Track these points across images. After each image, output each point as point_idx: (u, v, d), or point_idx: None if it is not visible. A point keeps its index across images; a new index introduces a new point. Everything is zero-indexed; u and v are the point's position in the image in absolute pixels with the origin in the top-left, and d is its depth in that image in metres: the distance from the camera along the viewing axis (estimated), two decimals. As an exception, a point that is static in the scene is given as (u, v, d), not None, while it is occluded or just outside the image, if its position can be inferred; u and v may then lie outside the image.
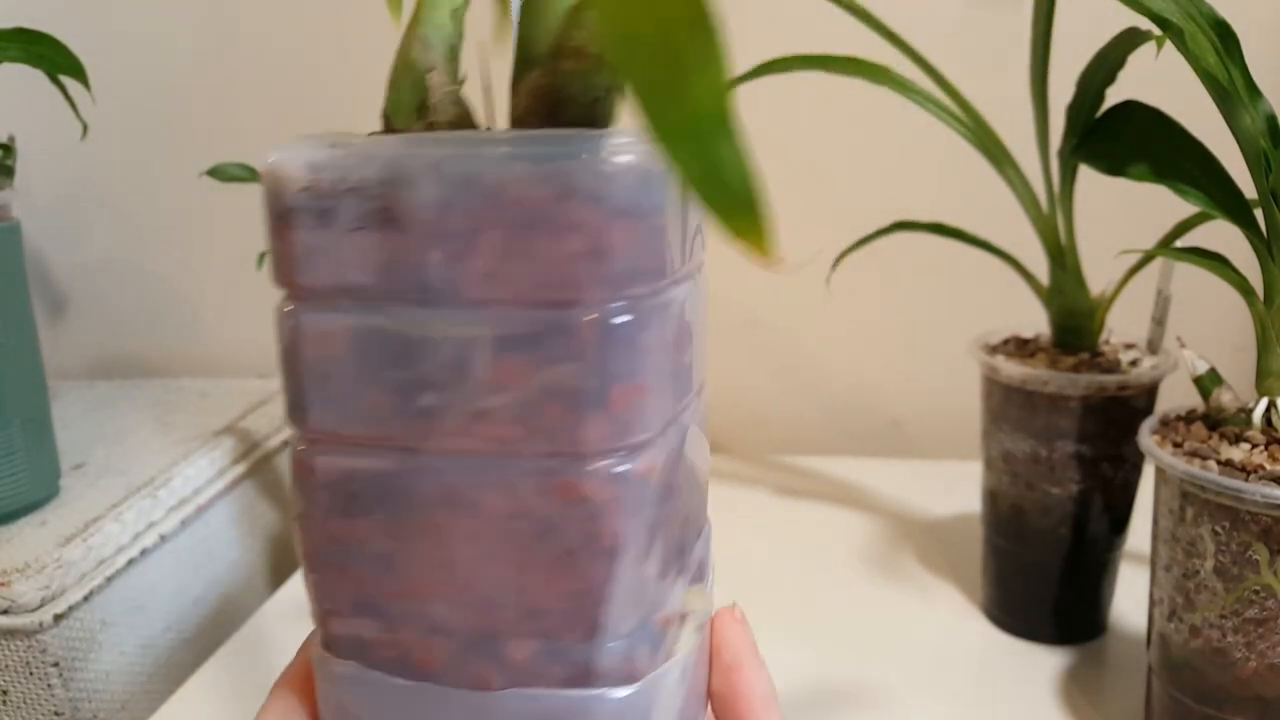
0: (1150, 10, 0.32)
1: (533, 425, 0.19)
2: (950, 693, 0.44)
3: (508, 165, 0.18)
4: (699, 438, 0.22)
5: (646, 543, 0.20)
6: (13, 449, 0.48)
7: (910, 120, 0.52)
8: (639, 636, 0.20)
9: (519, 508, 0.19)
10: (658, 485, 0.20)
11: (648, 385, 0.19)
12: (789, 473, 0.70)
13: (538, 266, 0.18)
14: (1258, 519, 0.32)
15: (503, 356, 0.19)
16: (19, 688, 0.44)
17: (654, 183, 0.19)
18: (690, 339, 0.21)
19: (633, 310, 0.19)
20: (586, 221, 0.18)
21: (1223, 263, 0.36)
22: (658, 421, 0.20)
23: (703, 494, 0.23)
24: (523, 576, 0.20)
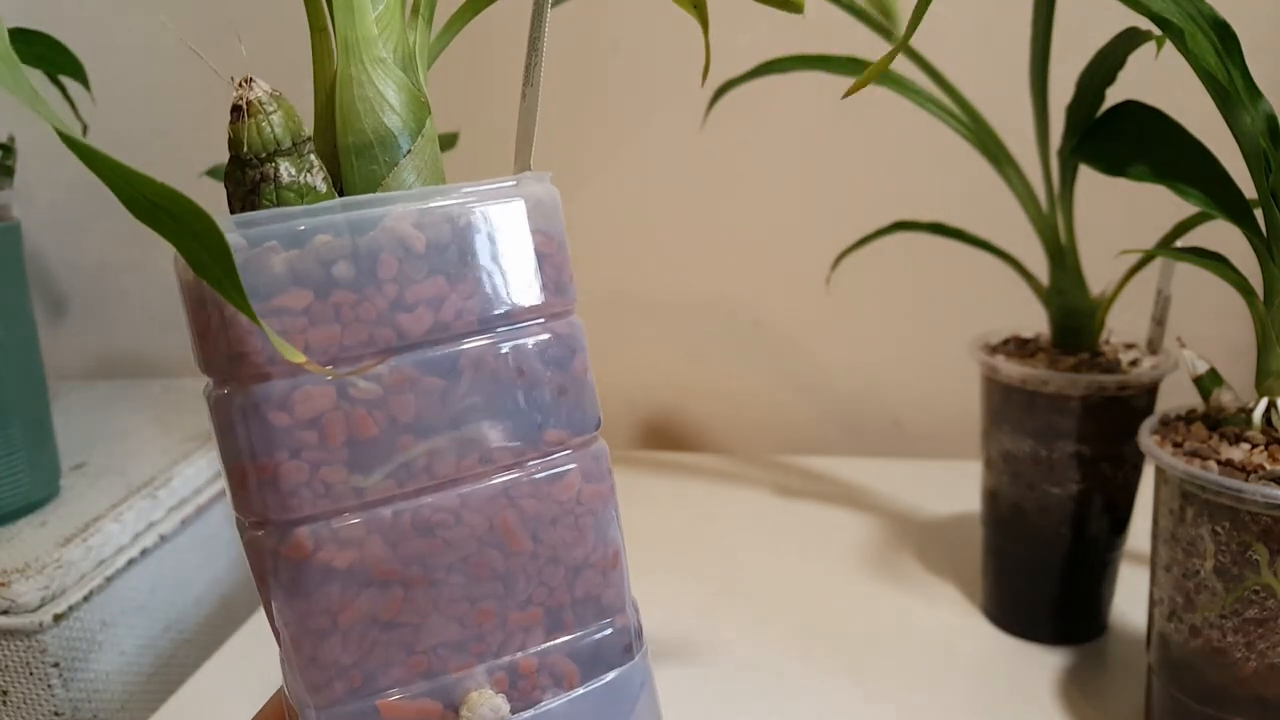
0: (1150, 10, 0.32)
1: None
2: (950, 693, 0.44)
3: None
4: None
5: (316, 625, 0.20)
6: (13, 449, 0.48)
7: (910, 120, 0.52)
8: (344, 716, 0.20)
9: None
10: (323, 565, 0.19)
11: (273, 462, 0.19)
12: (789, 473, 0.70)
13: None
14: (1258, 519, 0.32)
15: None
16: (19, 688, 0.44)
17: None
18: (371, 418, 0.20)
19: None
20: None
21: (1223, 263, 0.36)
22: (309, 496, 0.19)
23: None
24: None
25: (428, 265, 0.20)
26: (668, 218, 0.75)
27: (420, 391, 0.20)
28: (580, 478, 0.22)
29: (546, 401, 0.21)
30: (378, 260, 0.19)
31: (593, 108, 0.73)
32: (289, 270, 0.19)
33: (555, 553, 0.21)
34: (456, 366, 0.20)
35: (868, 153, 0.71)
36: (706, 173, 0.73)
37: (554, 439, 0.21)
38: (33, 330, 0.51)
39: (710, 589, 0.54)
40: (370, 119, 0.21)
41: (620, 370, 0.79)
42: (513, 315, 0.21)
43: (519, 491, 0.21)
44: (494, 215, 0.21)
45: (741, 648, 0.48)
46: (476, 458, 0.21)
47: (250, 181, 0.20)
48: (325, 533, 0.20)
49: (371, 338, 0.20)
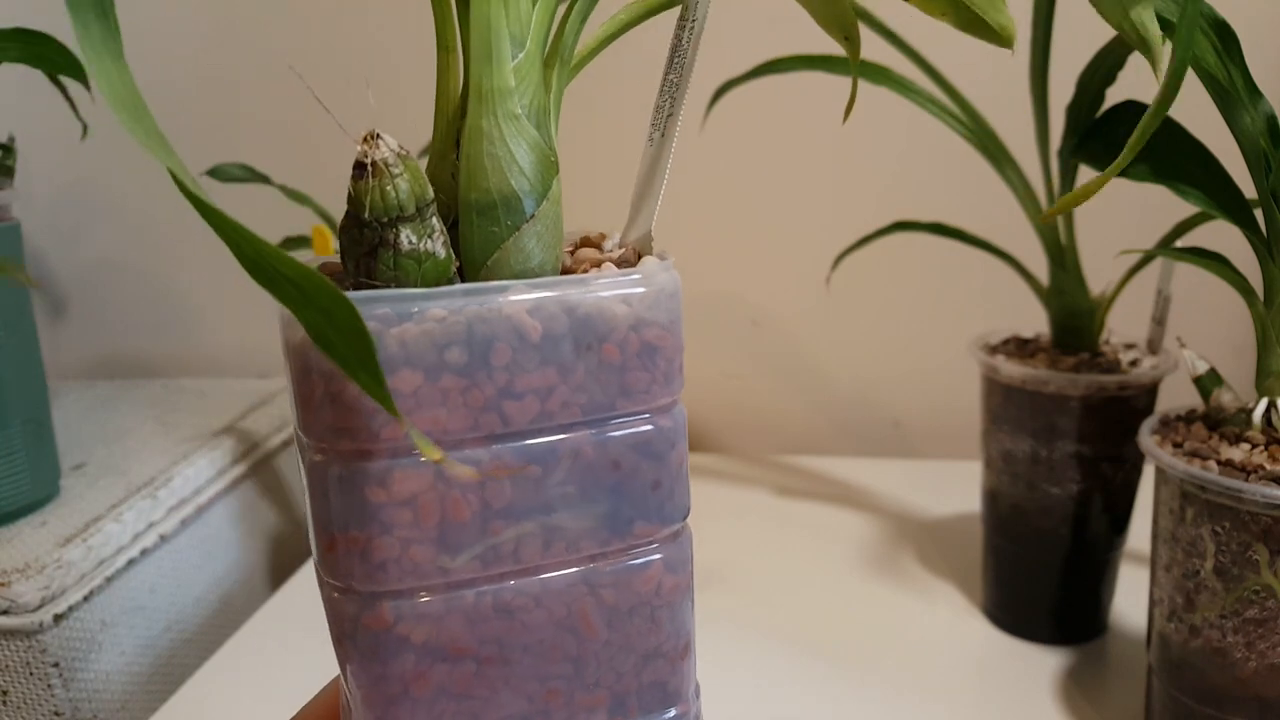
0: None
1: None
2: (950, 693, 0.44)
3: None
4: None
5: (389, 691, 0.20)
6: (13, 449, 0.48)
7: (910, 120, 0.52)
8: None
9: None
10: (401, 637, 0.20)
11: (365, 535, 0.19)
12: (789, 473, 0.70)
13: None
14: (1258, 519, 0.32)
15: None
16: (19, 688, 0.44)
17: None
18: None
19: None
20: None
21: (1223, 263, 0.36)
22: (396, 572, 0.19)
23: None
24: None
25: (540, 355, 0.20)
26: (667, 218, 0.75)
27: (517, 479, 0.20)
28: (662, 569, 0.22)
29: (639, 495, 0.21)
30: (492, 348, 0.19)
31: (592, 107, 0.73)
32: (402, 350, 0.19)
33: (629, 641, 0.22)
34: (555, 455, 0.20)
35: (868, 153, 0.71)
36: (706, 172, 0.73)
37: (642, 532, 0.21)
38: (33, 330, 0.51)
39: (710, 589, 0.54)
40: (497, 178, 0.21)
41: (620, 370, 0.79)
42: (618, 408, 0.21)
43: (600, 581, 0.21)
44: (613, 309, 0.20)
45: (740, 648, 0.48)
46: (563, 546, 0.20)
47: (368, 244, 0.20)
48: (407, 608, 0.20)
49: (476, 423, 0.19)
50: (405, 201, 0.19)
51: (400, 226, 0.20)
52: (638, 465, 0.21)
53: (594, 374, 0.20)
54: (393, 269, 0.20)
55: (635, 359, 0.20)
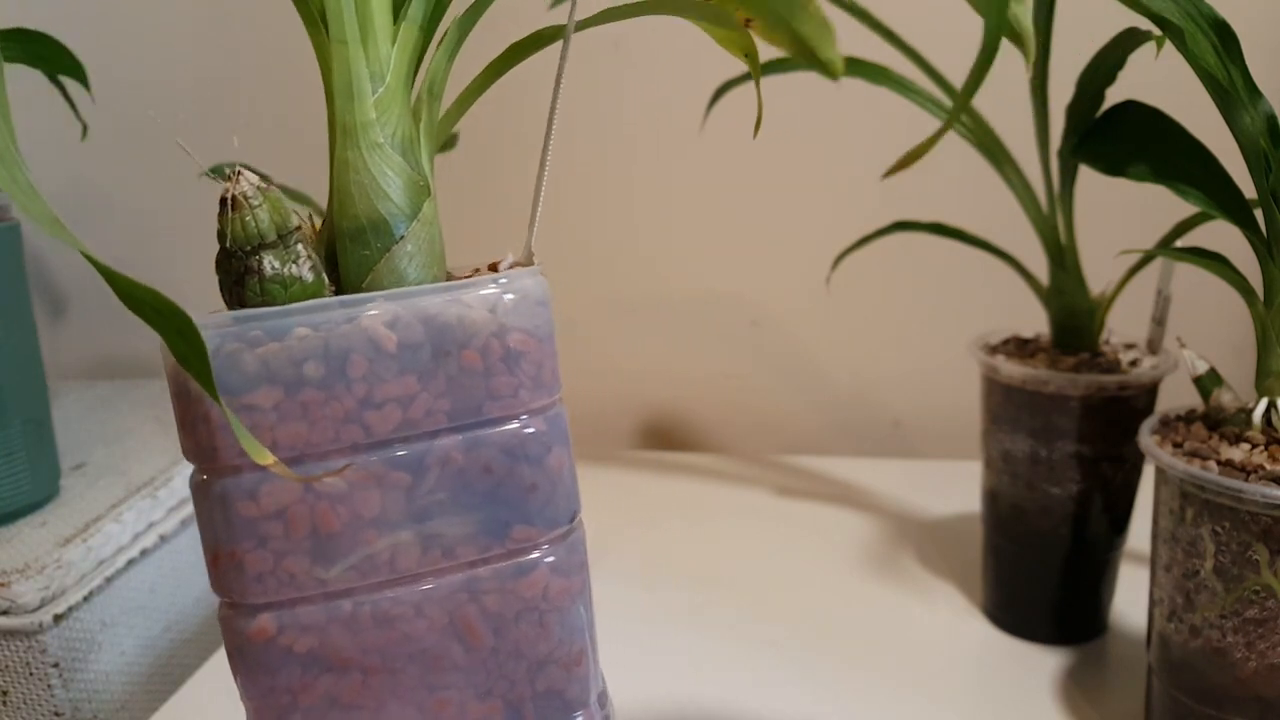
0: (1150, 10, 0.32)
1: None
2: (950, 693, 0.44)
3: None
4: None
5: (278, 703, 0.20)
6: (13, 449, 0.48)
7: (910, 120, 0.52)
8: None
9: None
10: (284, 649, 0.20)
11: (239, 550, 0.20)
12: (789, 473, 0.70)
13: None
14: (1258, 519, 0.32)
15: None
16: (19, 688, 0.44)
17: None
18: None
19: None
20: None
21: (1223, 263, 0.36)
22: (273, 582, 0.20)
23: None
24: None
25: (398, 365, 0.20)
26: (667, 217, 0.75)
27: (386, 487, 0.20)
28: (548, 573, 0.22)
29: (516, 499, 0.21)
30: (347, 360, 0.20)
31: (593, 107, 0.73)
32: (262, 368, 0.19)
33: (518, 648, 0.21)
34: (423, 463, 0.20)
35: (868, 153, 0.71)
36: (706, 173, 0.73)
37: (521, 536, 0.21)
38: (33, 330, 0.51)
39: (709, 589, 0.54)
40: (364, 205, 0.21)
41: (620, 370, 0.79)
42: (484, 413, 0.21)
43: (482, 587, 0.21)
44: (471, 316, 0.20)
45: (740, 647, 0.48)
46: (440, 553, 0.21)
47: (236, 273, 0.21)
48: (288, 619, 0.20)
49: (338, 435, 0.20)
50: (265, 230, 0.20)
51: (262, 254, 0.21)
52: (511, 469, 0.21)
53: (456, 380, 0.20)
54: (260, 294, 0.21)
55: (499, 364, 0.21)
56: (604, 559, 0.57)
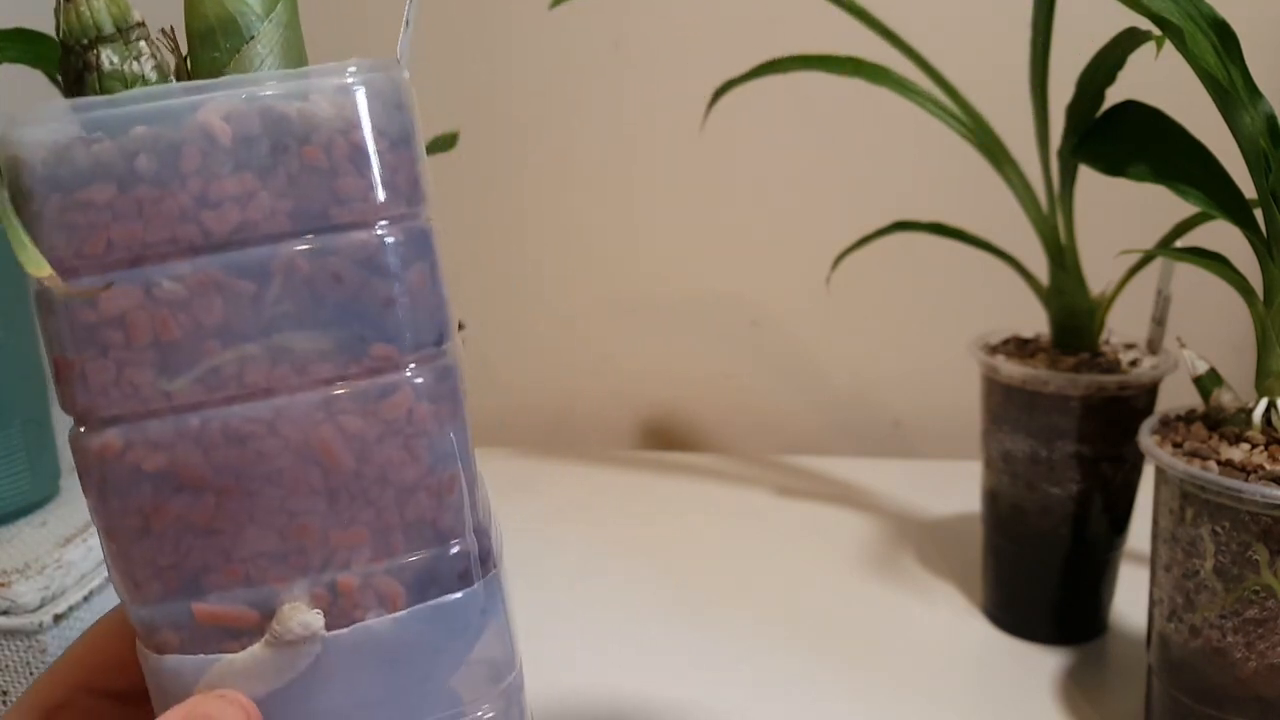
0: (1150, 10, 0.32)
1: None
2: (950, 693, 0.44)
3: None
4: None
5: (130, 524, 0.19)
6: (13, 449, 0.48)
7: (910, 120, 0.52)
8: (162, 614, 0.20)
9: None
10: (133, 466, 0.19)
11: (81, 359, 0.19)
12: (789, 473, 0.70)
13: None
14: (1258, 519, 0.32)
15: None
16: (19, 688, 0.44)
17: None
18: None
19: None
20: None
21: (1223, 263, 0.36)
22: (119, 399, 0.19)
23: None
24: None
25: (234, 160, 0.19)
26: (667, 217, 0.75)
27: (228, 295, 0.19)
28: (412, 395, 0.20)
29: (371, 313, 0.20)
30: (180, 153, 0.19)
31: (593, 107, 0.73)
32: (94, 163, 0.18)
33: (382, 473, 0.20)
34: (267, 270, 0.19)
35: (868, 153, 0.71)
36: (706, 172, 0.73)
37: (381, 354, 0.20)
38: (33, 330, 0.51)
39: (709, 589, 0.54)
40: (213, 3, 0.20)
41: (620, 370, 0.79)
42: (332, 217, 0.19)
43: (340, 407, 0.20)
44: (314, 109, 0.19)
45: (740, 648, 0.48)
46: (290, 368, 0.20)
47: (74, 70, 0.20)
48: (135, 434, 0.19)
49: (174, 236, 0.19)
50: (102, 20, 0.20)
51: (100, 48, 0.20)
52: (365, 281, 0.20)
53: (298, 179, 0.19)
54: (99, 91, 0.20)
55: (346, 164, 0.19)
56: (603, 559, 0.57)
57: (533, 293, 0.78)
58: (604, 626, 0.50)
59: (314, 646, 0.20)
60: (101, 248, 0.18)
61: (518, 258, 0.77)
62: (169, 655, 0.20)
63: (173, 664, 0.20)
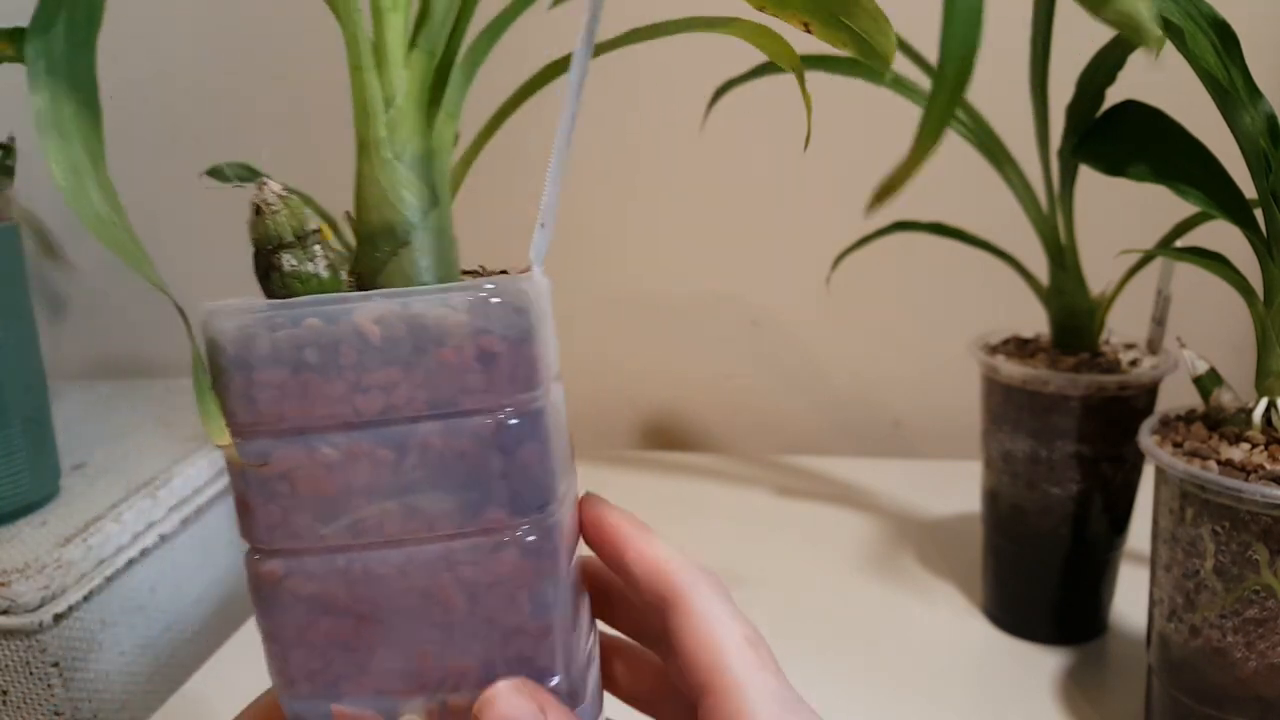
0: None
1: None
2: (950, 693, 0.44)
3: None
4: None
5: (287, 636, 0.24)
6: (13, 449, 0.48)
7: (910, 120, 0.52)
8: (307, 710, 0.24)
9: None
10: (292, 591, 0.24)
11: (253, 504, 0.23)
12: (789, 473, 0.70)
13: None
14: (1258, 519, 0.32)
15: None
16: (19, 688, 0.44)
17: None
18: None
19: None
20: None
21: (1223, 263, 0.36)
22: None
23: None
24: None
25: (382, 356, 0.23)
26: (668, 217, 0.75)
27: (373, 462, 0.23)
28: (518, 554, 0.24)
29: (487, 484, 0.23)
30: (339, 350, 0.23)
31: (593, 107, 0.73)
32: (272, 351, 0.23)
33: (490, 616, 0.24)
34: (405, 444, 0.23)
35: (868, 153, 0.71)
36: (706, 172, 0.73)
37: (493, 517, 0.24)
38: (33, 330, 0.51)
39: (710, 589, 0.54)
40: (377, 213, 0.25)
41: (620, 370, 0.79)
42: (460, 404, 0.23)
43: (457, 559, 0.24)
44: (450, 318, 0.23)
45: (741, 648, 0.48)
46: (420, 524, 0.23)
47: (263, 269, 0.24)
48: (294, 565, 0.23)
49: (333, 413, 0.23)
50: (283, 231, 0.24)
51: (282, 253, 0.24)
52: (483, 457, 0.23)
53: (434, 374, 0.23)
54: (282, 287, 0.24)
55: (474, 363, 0.23)
56: (604, 559, 0.57)
57: (533, 293, 0.78)
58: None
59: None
60: (274, 418, 0.23)
61: (518, 257, 0.77)
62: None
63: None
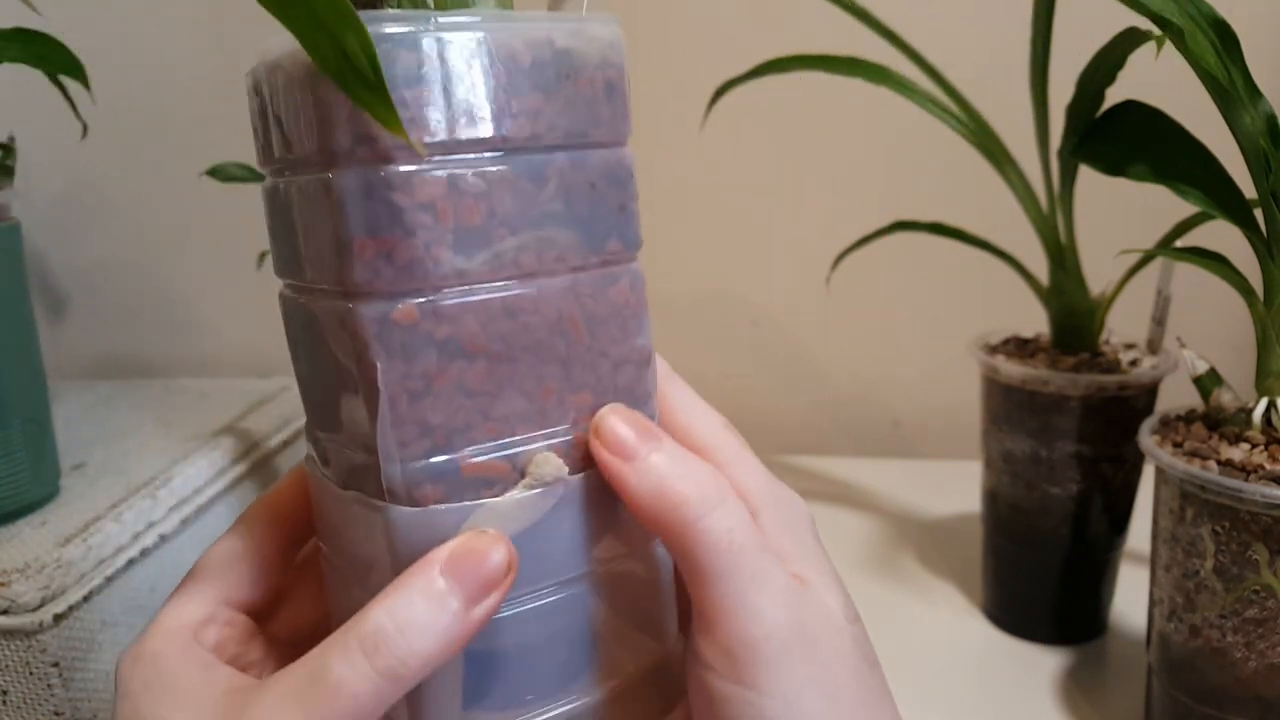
0: (1150, 10, 0.32)
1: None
2: (950, 693, 0.44)
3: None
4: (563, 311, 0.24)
5: (413, 387, 0.22)
6: (13, 449, 0.48)
7: (910, 120, 0.52)
8: (427, 470, 0.23)
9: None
10: (426, 334, 0.22)
11: (392, 238, 0.22)
12: (789, 473, 0.70)
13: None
14: (1258, 519, 0.32)
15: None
16: (19, 688, 0.44)
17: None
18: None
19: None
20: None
21: (1223, 263, 0.36)
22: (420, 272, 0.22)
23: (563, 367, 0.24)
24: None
25: (530, 80, 0.22)
26: (667, 217, 0.75)
27: (515, 192, 0.23)
28: (628, 286, 0.25)
29: (610, 216, 0.25)
30: (490, 70, 0.22)
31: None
32: (417, 68, 0.21)
33: (604, 346, 0.25)
34: (543, 174, 0.23)
35: (868, 153, 0.71)
36: (706, 172, 0.73)
37: (613, 249, 0.25)
38: (33, 330, 0.51)
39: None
40: None
41: (620, 370, 0.79)
42: (590, 136, 0.24)
43: (583, 290, 0.24)
44: (585, 46, 0.23)
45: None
46: (554, 256, 0.23)
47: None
48: (429, 306, 0.22)
49: (482, 137, 0.22)
50: None
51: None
52: (608, 190, 0.24)
53: (571, 103, 0.23)
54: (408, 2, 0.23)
55: (604, 94, 0.24)
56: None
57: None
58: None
59: (560, 489, 0.24)
60: (421, 136, 0.21)
61: None
62: (432, 506, 0.23)
63: (434, 514, 0.23)
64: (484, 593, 0.22)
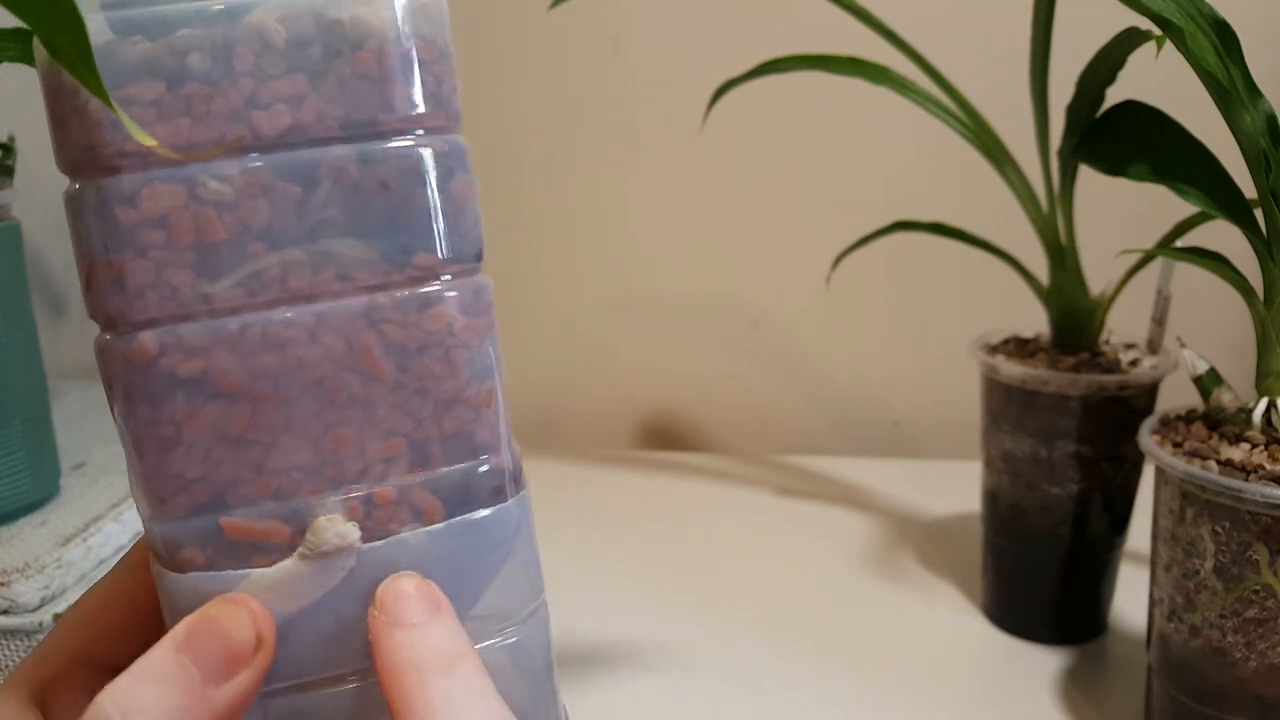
0: (1150, 10, 0.32)
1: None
2: (950, 693, 0.44)
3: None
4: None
5: (162, 434, 0.19)
6: (13, 449, 0.48)
7: (910, 120, 0.52)
8: (184, 530, 0.20)
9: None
10: (167, 371, 0.19)
11: (120, 259, 0.19)
12: (789, 473, 0.70)
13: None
14: (1258, 519, 0.32)
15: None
16: (19, 688, 0.44)
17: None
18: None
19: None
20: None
21: (1223, 263, 0.36)
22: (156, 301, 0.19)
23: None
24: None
25: (286, 62, 0.19)
26: (667, 217, 0.75)
27: (274, 198, 0.19)
28: (455, 308, 0.20)
29: (415, 222, 0.20)
30: (234, 53, 0.18)
31: (593, 106, 0.73)
32: (144, 60, 0.18)
33: (423, 384, 0.20)
34: (315, 174, 0.19)
35: (868, 153, 0.71)
36: (706, 172, 0.73)
37: (423, 264, 0.20)
38: (33, 330, 0.51)
39: (709, 589, 0.54)
40: None
41: (620, 370, 0.79)
42: (380, 124, 0.19)
43: (382, 315, 0.20)
44: (366, 14, 0.19)
45: (740, 648, 0.48)
46: (333, 274, 0.19)
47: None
48: (170, 338, 0.19)
49: (223, 135, 0.19)
50: None
51: None
52: (411, 190, 0.20)
53: (349, 84, 0.19)
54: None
55: (395, 72, 0.19)
56: (603, 559, 0.57)
57: (532, 293, 0.78)
58: (603, 626, 0.50)
59: (348, 560, 0.20)
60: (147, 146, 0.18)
61: (517, 257, 0.77)
62: (192, 573, 0.19)
63: (195, 581, 0.19)
64: (228, 670, 0.19)
